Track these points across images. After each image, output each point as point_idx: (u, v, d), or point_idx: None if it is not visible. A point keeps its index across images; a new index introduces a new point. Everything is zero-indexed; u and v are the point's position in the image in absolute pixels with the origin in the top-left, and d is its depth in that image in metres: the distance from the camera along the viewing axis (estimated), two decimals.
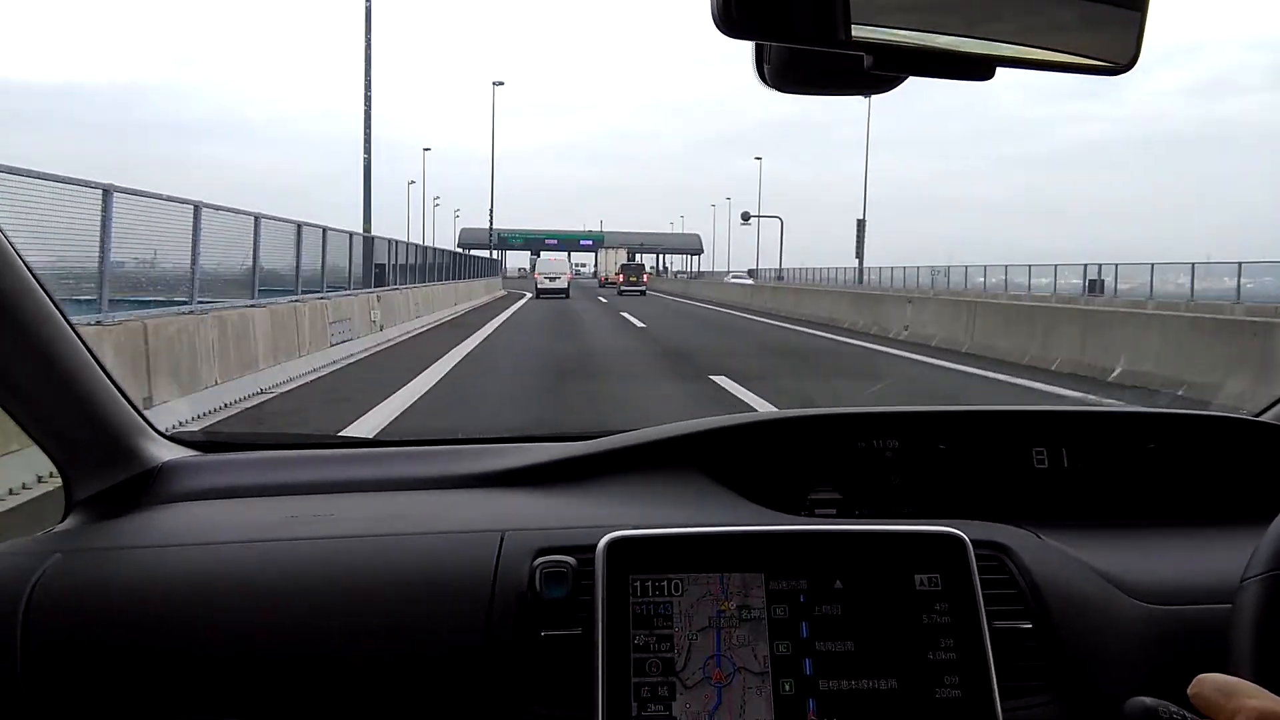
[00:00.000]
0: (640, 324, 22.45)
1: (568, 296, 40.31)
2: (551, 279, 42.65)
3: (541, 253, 77.42)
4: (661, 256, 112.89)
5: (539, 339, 18.53)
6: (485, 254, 55.07)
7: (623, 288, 48.68)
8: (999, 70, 0.76)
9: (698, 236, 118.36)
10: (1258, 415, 1.59)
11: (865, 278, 54.36)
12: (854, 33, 0.71)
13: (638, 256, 77.56)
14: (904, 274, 51.88)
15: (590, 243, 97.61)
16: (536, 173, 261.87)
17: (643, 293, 47.07)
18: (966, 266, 47.30)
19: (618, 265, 57.34)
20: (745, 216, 71.73)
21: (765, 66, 0.80)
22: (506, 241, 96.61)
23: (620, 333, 20.59)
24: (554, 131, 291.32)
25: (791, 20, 0.72)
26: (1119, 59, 0.78)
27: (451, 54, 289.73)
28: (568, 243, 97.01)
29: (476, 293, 34.75)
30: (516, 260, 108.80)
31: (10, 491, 5.07)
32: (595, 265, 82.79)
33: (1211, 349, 10.08)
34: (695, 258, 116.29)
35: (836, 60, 0.75)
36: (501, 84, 53.77)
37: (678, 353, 15.46)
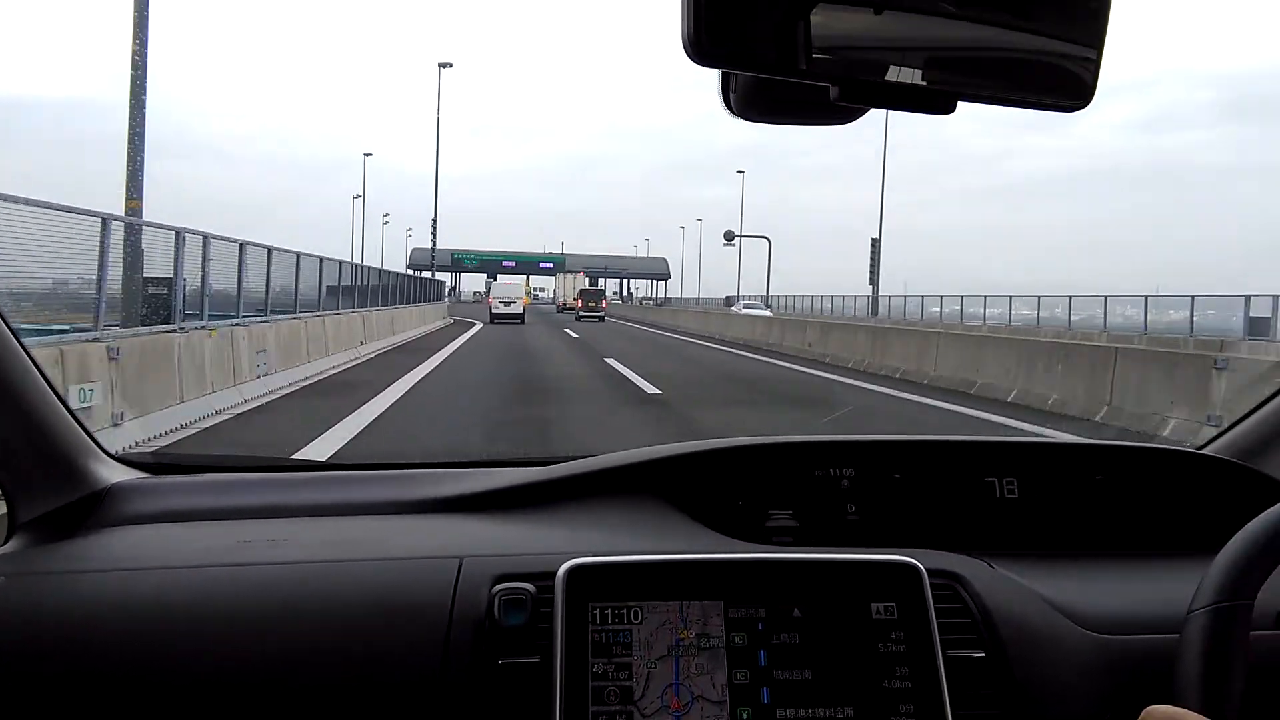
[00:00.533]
0: (653, 388, 12.85)
1: (522, 322, 38.64)
2: (506, 304, 40.96)
3: (498, 276, 70.64)
4: (626, 281, 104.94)
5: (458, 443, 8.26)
6: (439, 276, 46.78)
7: (581, 313, 47.58)
8: (959, 104, 0.77)
9: (664, 260, 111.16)
10: (1200, 448, 1.64)
11: (885, 308, 45.92)
12: (819, 65, 0.73)
13: (600, 281, 70.64)
14: (939, 303, 43.61)
15: (550, 265, 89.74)
16: (497, 196, 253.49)
17: (601, 319, 45.74)
18: (983, 296, 39.27)
19: (576, 290, 54.93)
20: (729, 236, 63.38)
21: (731, 95, 0.81)
22: (461, 263, 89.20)
23: (629, 409, 11.45)
24: (516, 155, 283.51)
25: (759, 50, 0.73)
26: (1076, 95, 0.79)
27: (411, 73, 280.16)
28: (526, 265, 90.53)
29: (406, 324, 25.66)
30: (473, 283, 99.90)
31: None
32: (554, 289, 74.45)
33: None
34: (662, 283, 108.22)
35: (802, 91, 0.76)
36: (449, 65, 45.54)
37: None
